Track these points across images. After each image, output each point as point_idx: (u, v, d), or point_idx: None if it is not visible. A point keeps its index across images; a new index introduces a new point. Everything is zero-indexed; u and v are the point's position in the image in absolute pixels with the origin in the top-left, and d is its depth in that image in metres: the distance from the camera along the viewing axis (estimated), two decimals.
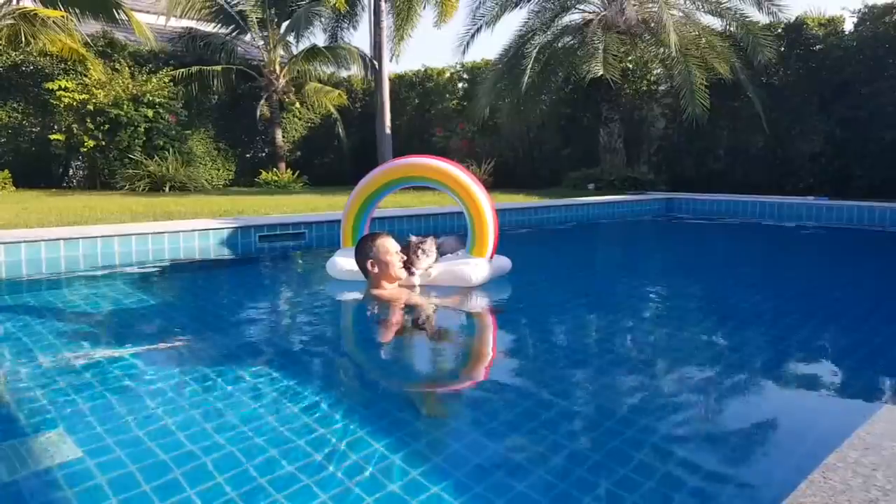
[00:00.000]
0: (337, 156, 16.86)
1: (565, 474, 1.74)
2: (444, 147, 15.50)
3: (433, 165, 4.09)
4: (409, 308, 3.58)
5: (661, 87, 13.71)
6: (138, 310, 3.58)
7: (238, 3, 14.76)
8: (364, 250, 3.67)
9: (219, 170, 14.92)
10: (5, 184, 11.21)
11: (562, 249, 6.84)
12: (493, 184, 13.42)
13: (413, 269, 3.81)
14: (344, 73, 17.20)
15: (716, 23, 12.33)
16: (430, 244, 3.88)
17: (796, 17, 11.73)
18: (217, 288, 4.55)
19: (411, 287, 3.82)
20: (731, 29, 11.97)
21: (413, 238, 3.91)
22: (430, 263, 3.89)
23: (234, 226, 5.54)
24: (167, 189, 11.88)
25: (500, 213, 7.16)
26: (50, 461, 1.74)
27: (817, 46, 11.55)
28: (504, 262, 4.23)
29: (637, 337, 3.33)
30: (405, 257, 3.74)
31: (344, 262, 4.00)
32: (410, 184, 4.33)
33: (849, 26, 11.46)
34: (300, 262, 5.56)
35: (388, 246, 3.64)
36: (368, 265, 3.63)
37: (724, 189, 11.93)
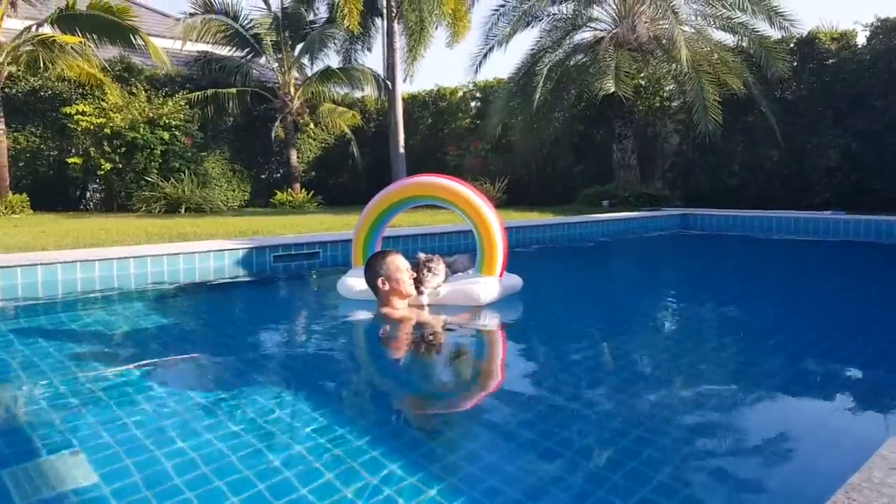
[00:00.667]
0: (351, 175, 16.98)
1: (583, 496, 1.70)
2: (458, 165, 15.55)
3: (441, 184, 4.10)
4: (420, 327, 3.57)
5: (675, 103, 13.70)
6: (153, 331, 3.57)
7: (253, 26, 14.97)
8: (374, 269, 3.67)
9: (234, 191, 15.08)
10: (23, 207, 11.34)
11: (576, 267, 6.79)
12: (507, 201, 13.43)
13: (422, 289, 3.79)
14: (358, 94, 17.37)
15: (728, 38, 12.34)
16: (437, 262, 3.87)
17: (808, 32, 11.71)
18: (232, 309, 4.55)
19: (420, 306, 3.81)
20: (744, 44, 11.94)
21: (421, 255, 3.91)
22: (439, 282, 3.87)
23: (248, 246, 5.54)
24: (183, 210, 11.98)
25: (513, 230, 7.23)
26: (64, 485, 1.73)
27: (830, 60, 11.50)
28: (514, 281, 4.20)
29: (653, 354, 3.28)
30: (415, 275, 3.74)
31: (355, 282, 4.00)
32: (419, 203, 4.33)
33: (861, 40, 11.44)
34: (314, 281, 5.56)
35: (399, 263, 3.64)
36: (379, 283, 3.63)
37: (739, 204, 11.86)
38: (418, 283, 3.78)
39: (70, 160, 12.49)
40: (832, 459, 1.94)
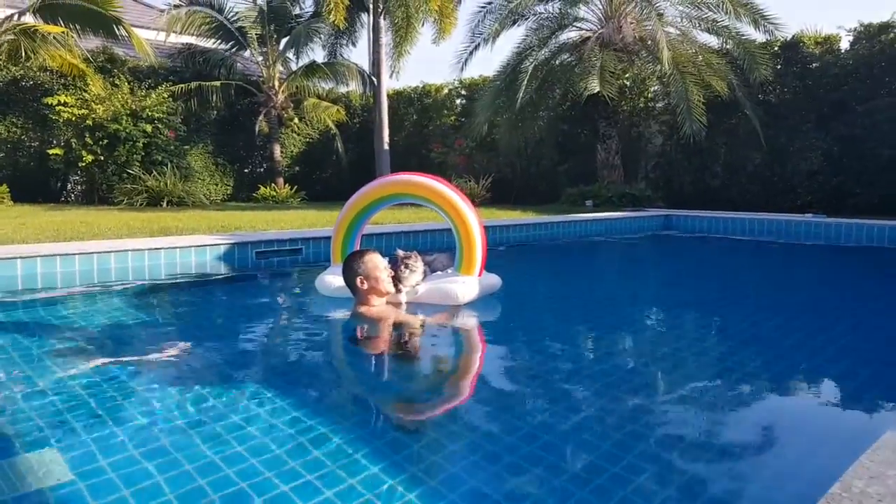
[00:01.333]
0: (335, 171, 16.89)
1: (564, 497, 1.71)
2: (443, 163, 15.52)
3: (420, 182, 4.08)
4: (398, 326, 3.57)
5: (659, 104, 13.75)
6: (133, 327, 3.54)
7: (238, 19, 14.86)
8: (353, 268, 3.68)
9: (217, 185, 14.93)
10: (3, 198, 11.22)
11: (558, 266, 6.76)
12: (492, 199, 13.46)
13: (400, 286, 3.79)
14: (343, 89, 17.23)
15: (713, 41, 12.44)
16: (415, 259, 3.86)
17: (792, 36, 11.81)
18: (213, 305, 4.52)
19: (398, 304, 3.80)
20: (728, 47, 12.01)
21: (400, 252, 3.90)
22: (417, 280, 3.86)
23: (231, 242, 5.50)
24: (165, 204, 11.87)
25: (494, 229, 7.24)
26: (40, 483, 1.72)
27: (814, 64, 11.62)
28: (493, 280, 4.19)
29: (634, 355, 3.28)
30: (393, 273, 3.75)
31: (333, 280, 3.99)
32: (399, 201, 4.33)
33: (845, 45, 11.56)
34: (296, 278, 5.52)
35: (377, 262, 3.67)
36: (358, 282, 3.65)
37: (721, 206, 11.97)
38: (396, 280, 3.78)
39: (51, 151, 12.36)
40: (812, 467, 1.95)
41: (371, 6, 15.75)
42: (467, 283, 3.90)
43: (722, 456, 2.04)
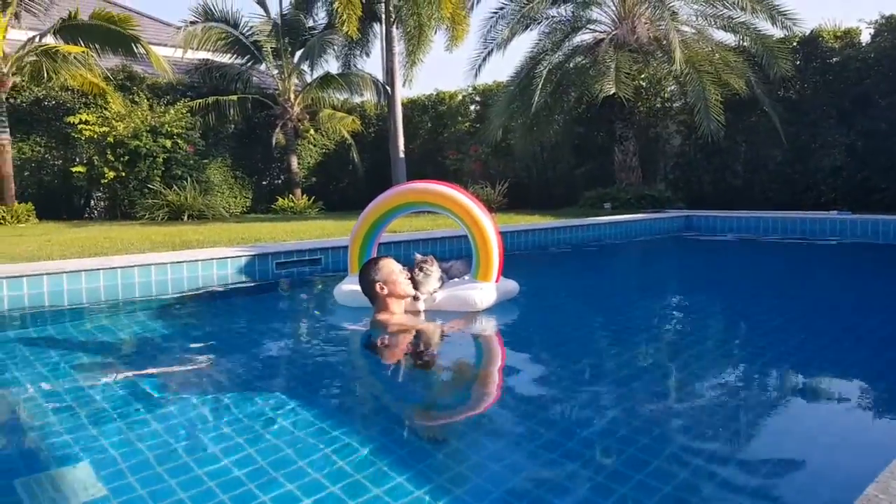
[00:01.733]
0: (352, 181, 16.91)
1: None
2: (458, 169, 15.45)
3: (434, 190, 4.08)
4: (417, 334, 3.58)
5: (676, 104, 13.48)
6: (158, 341, 3.57)
7: (253, 33, 14.98)
8: (369, 275, 3.70)
9: (236, 197, 15.05)
10: (29, 216, 11.35)
11: (577, 271, 6.70)
12: (508, 205, 13.29)
13: (418, 294, 3.79)
14: (357, 99, 17.26)
15: (729, 38, 12.16)
16: (431, 263, 3.85)
17: (811, 31, 11.58)
18: (235, 317, 4.56)
19: (416, 312, 3.80)
20: (745, 44, 11.74)
21: (418, 256, 3.92)
22: (434, 286, 3.86)
23: (251, 253, 5.53)
24: (186, 218, 11.97)
25: (512, 234, 7.18)
26: (71, 497, 1.74)
27: (834, 59, 11.36)
28: (511, 286, 4.19)
29: (660, 362, 3.22)
30: (409, 274, 3.76)
31: (351, 289, 4.01)
32: (414, 209, 4.33)
33: (865, 37, 11.31)
34: (316, 288, 5.56)
35: (392, 266, 3.70)
36: (377, 288, 3.65)
37: (742, 205, 11.65)
38: (414, 283, 3.79)
39: (74, 169, 12.56)
40: (848, 468, 1.91)
41: (383, 16, 15.72)
42: (485, 290, 3.90)
43: (754, 460, 2.00)
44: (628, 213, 10.50)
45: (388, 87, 15.75)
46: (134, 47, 11.96)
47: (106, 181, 12.29)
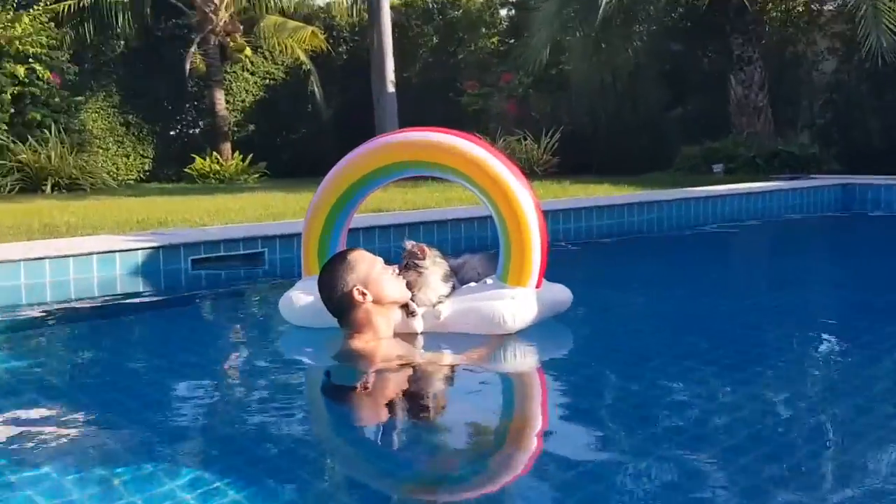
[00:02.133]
0: (311, 130, 14.81)
1: None
2: (480, 111, 13.48)
3: (442, 143, 3.24)
4: (414, 374, 2.87)
5: (828, 7, 11.75)
6: (5, 380, 2.98)
7: None
8: (337, 276, 2.84)
9: (128, 156, 13.47)
10: None
11: (670, 273, 5.59)
12: (560, 168, 11.45)
13: (413, 306, 3.04)
14: (319, 1, 15.51)
15: None
16: (428, 256, 3.04)
17: None
18: (124, 345, 3.80)
19: (412, 335, 3.06)
20: None
21: (407, 244, 3.15)
22: (440, 294, 3.06)
23: (152, 245, 4.82)
24: (49, 188, 10.41)
25: (564, 214, 6.66)
26: None
27: None
28: (559, 295, 3.34)
29: (833, 439, 2.23)
30: (396, 270, 3.03)
31: (306, 299, 3.25)
32: (409, 173, 3.50)
33: None
34: (254, 299, 4.87)
35: (368, 257, 2.96)
36: (354, 295, 2.82)
37: None
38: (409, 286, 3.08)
39: None
40: None
41: None
42: (518, 299, 3.11)
43: None
44: (752, 181, 9.25)
45: None
46: None
47: None
